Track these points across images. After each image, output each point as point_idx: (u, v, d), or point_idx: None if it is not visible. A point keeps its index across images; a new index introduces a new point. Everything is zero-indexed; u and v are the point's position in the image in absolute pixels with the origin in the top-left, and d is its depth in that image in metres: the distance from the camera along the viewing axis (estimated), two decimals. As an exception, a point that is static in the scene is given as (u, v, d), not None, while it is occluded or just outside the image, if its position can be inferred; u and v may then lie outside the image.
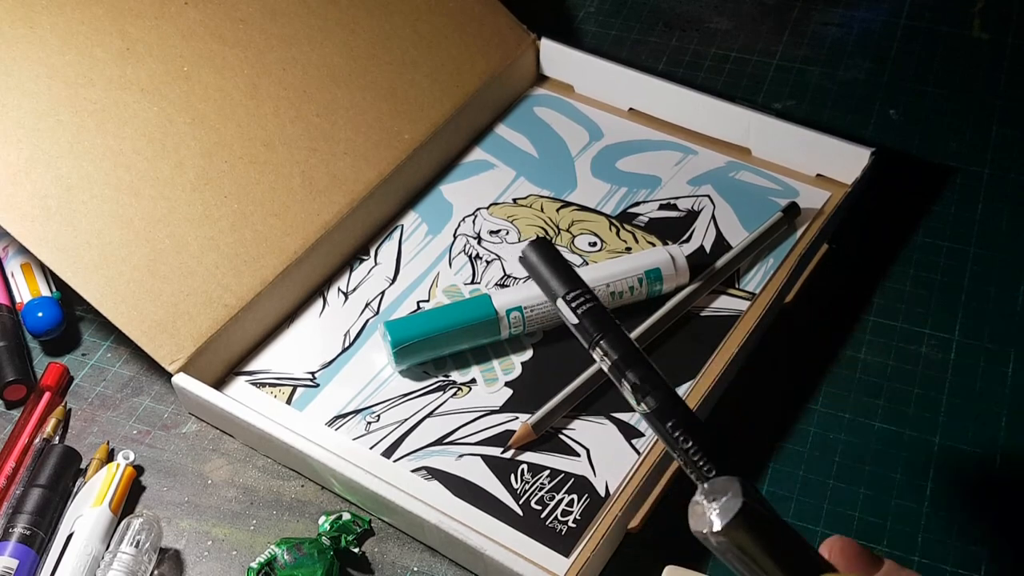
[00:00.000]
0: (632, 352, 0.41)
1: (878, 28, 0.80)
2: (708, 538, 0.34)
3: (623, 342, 0.41)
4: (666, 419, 0.39)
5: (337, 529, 0.52)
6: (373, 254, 0.65)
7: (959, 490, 0.53)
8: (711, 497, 0.34)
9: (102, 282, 0.57)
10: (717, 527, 0.33)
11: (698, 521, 0.34)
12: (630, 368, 0.40)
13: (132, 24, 0.64)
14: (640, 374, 0.40)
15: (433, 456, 0.55)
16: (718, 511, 0.33)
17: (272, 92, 0.65)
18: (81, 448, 0.57)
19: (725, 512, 0.33)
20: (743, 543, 0.33)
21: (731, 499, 0.33)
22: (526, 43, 0.73)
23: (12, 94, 0.60)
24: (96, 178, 0.59)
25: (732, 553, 0.34)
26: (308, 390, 0.59)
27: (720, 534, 0.33)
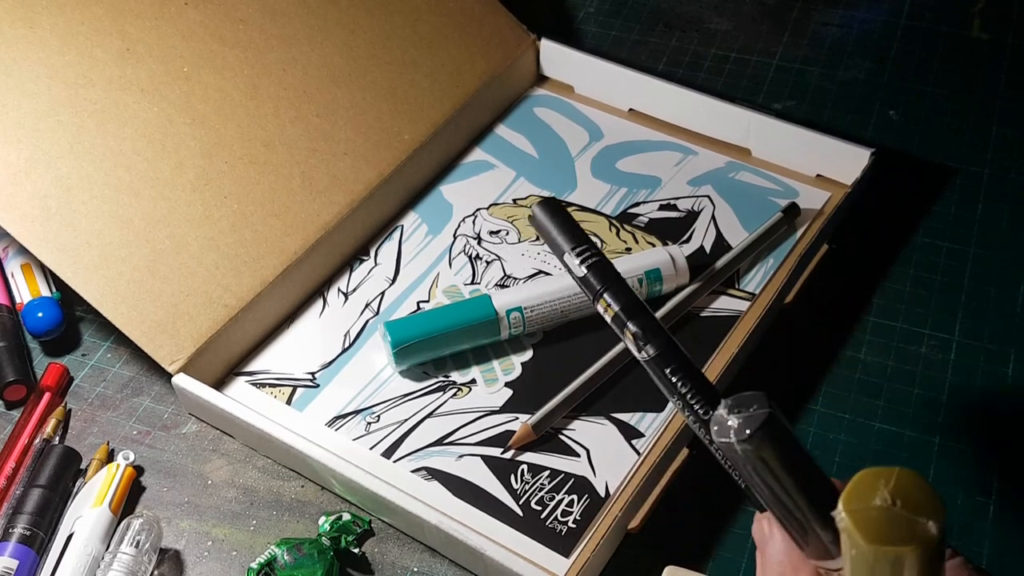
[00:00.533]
0: (634, 303, 0.42)
1: (878, 28, 0.80)
2: (733, 447, 0.33)
3: (625, 294, 0.42)
4: (666, 365, 0.40)
5: (337, 529, 0.52)
6: (373, 254, 0.65)
7: (959, 490, 0.53)
8: (736, 409, 0.33)
9: (102, 282, 0.57)
10: (743, 436, 0.32)
11: (722, 431, 0.33)
12: (631, 318, 0.41)
13: (132, 24, 0.64)
14: (641, 323, 0.41)
15: (433, 456, 0.55)
16: (743, 420, 0.33)
17: (272, 92, 0.65)
18: (81, 448, 0.57)
19: (752, 421, 0.33)
20: (767, 454, 0.33)
21: (758, 410, 0.33)
22: (526, 43, 0.73)
23: (12, 94, 0.60)
24: (96, 178, 0.59)
25: (754, 464, 0.33)
26: (308, 390, 0.59)
27: (745, 442, 0.33)
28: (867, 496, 0.30)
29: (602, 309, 0.42)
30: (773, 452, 0.33)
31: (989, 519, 0.52)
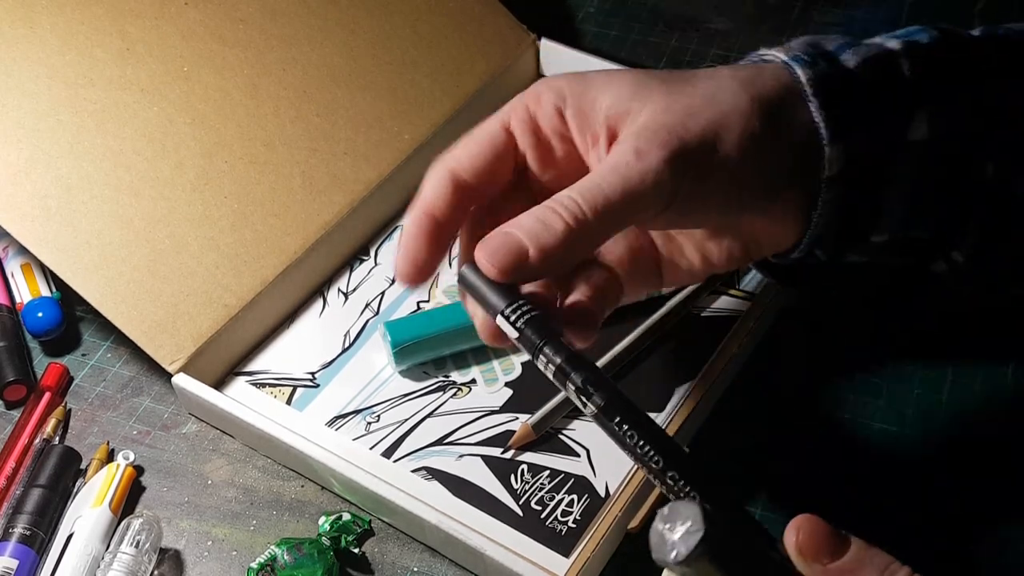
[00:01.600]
0: (574, 355, 0.40)
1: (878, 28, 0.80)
2: (671, 568, 0.32)
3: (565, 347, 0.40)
4: (612, 416, 0.39)
5: (337, 529, 0.52)
6: (373, 254, 0.65)
7: (959, 490, 0.53)
8: (670, 524, 0.33)
9: (102, 282, 0.57)
10: (679, 558, 0.32)
11: (658, 549, 0.33)
12: (574, 370, 0.40)
13: (132, 24, 0.64)
14: (583, 376, 0.39)
15: (433, 456, 0.55)
16: (678, 539, 0.32)
17: (272, 92, 0.65)
18: (81, 448, 0.57)
19: (686, 541, 0.32)
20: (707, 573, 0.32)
21: (692, 528, 0.32)
22: (526, 43, 0.73)
23: (12, 94, 0.60)
24: (96, 178, 0.59)
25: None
26: (308, 390, 0.59)
27: (683, 564, 0.32)
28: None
29: (542, 365, 0.41)
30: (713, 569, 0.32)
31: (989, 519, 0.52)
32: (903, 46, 0.46)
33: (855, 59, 0.45)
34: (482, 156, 0.46)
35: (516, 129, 0.46)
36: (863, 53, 0.46)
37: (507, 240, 0.41)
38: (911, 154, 0.45)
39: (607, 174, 0.41)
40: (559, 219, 0.41)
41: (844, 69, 0.45)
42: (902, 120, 0.45)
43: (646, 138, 0.42)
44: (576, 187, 0.42)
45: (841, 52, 0.46)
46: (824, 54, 0.45)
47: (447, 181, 0.45)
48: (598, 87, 0.45)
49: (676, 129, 0.42)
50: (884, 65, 0.45)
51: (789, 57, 0.45)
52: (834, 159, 0.44)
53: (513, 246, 0.41)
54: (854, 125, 0.44)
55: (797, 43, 0.47)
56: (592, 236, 0.42)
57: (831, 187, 0.45)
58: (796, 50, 0.46)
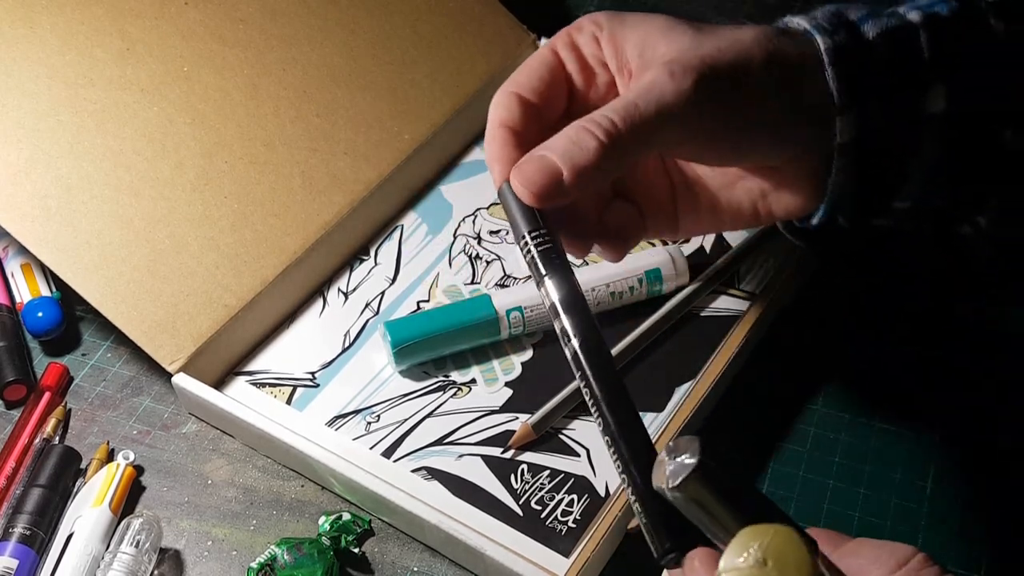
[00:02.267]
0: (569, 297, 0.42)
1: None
2: (665, 492, 0.35)
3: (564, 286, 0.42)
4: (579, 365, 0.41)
5: (337, 529, 0.52)
6: (373, 254, 0.65)
7: (959, 490, 0.53)
8: (673, 455, 0.35)
9: (102, 282, 0.57)
10: (673, 483, 0.35)
11: (658, 477, 0.36)
12: (563, 311, 0.42)
13: (132, 24, 0.64)
14: (569, 319, 0.41)
15: (433, 456, 0.55)
16: (674, 468, 0.35)
17: (272, 92, 0.65)
18: (81, 448, 0.57)
19: (682, 469, 0.35)
20: (700, 498, 0.35)
21: (689, 457, 0.35)
22: (526, 43, 0.73)
23: (12, 94, 0.60)
24: (96, 178, 0.59)
25: (690, 508, 0.35)
26: (308, 390, 0.59)
27: (676, 489, 0.35)
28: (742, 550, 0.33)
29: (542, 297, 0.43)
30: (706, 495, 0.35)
31: (989, 519, 0.52)
32: (923, 18, 0.47)
33: (875, 30, 0.46)
34: (539, 77, 0.48)
35: (562, 52, 0.49)
36: (883, 24, 0.46)
37: (541, 163, 0.42)
38: (930, 126, 0.47)
39: (642, 92, 0.43)
40: (592, 137, 0.42)
41: (863, 40, 0.46)
42: (920, 93, 0.46)
43: (680, 63, 0.44)
44: (609, 106, 0.43)
45: (863, 23, 0.47)
46: (846, 23, 0.47)
47: (514, 99, 0.47)
48: (632, 23, 0.47)
49: (707, 59, 0.44)
50: (903, 37, 0.46)
51: (811, 26, 0.47)
52: (847, 127, 0.46)
53: (547, 168, 0.42)
54: (869, 95, 0.46)
55: (822, 12, 0.48)
56: (625, 152, 0.43)
57: (844, 153, 0.46)
58: (820, 19, 0.47)
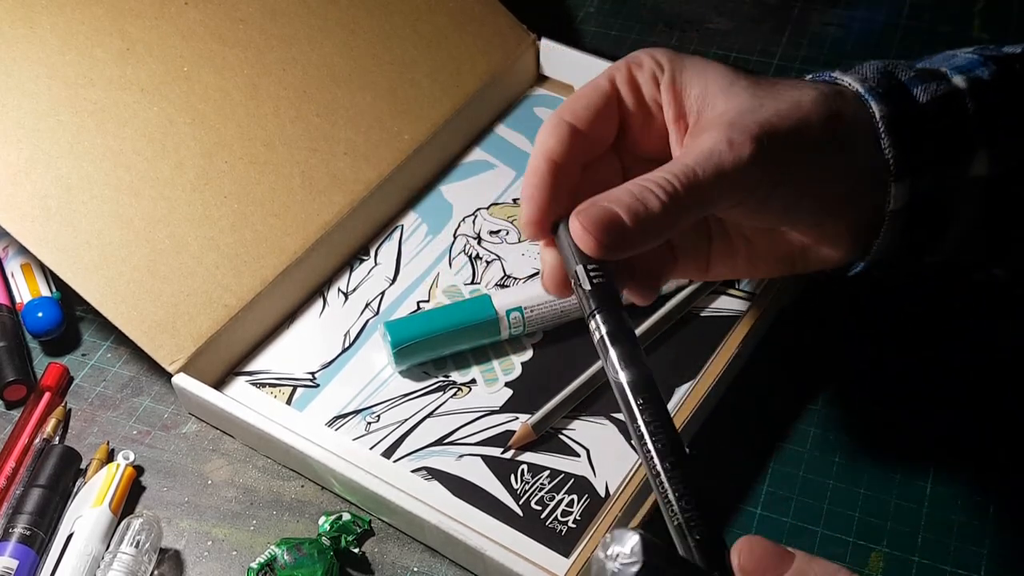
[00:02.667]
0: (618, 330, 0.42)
1: (878, 28, 0.80)
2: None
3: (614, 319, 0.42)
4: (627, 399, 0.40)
5: (337, 529, 0.52)
6: (373, 254, 0.65)
7: (959, 490, 0.53)
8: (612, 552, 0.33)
9: (102, 282, 0.57)
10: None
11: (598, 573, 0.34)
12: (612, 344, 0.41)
13: (132, 24, 0.64)
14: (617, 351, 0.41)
15: (433, 456, 0.55)
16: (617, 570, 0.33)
17: (272, 92, 0.65)
18: (81, 448, 0.57)
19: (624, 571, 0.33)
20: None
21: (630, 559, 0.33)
22: (526, 43, 0.73)
23: (12, 94, 0.60)
24: (96, 178, 0.59)
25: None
26: (308, 390, 0.59)
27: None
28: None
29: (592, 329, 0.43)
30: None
31: (989, 519, 0.52)
32: (968, 84, 0.48)
33: (926, 96, 0.48)
34: (594, 107, 0.48)
35: (620, 86, 0.49)
36: (933, 90, 0.48)
37: (606, 212, 0.43)
38: (971, 190, 0.48)
39: (701, 160, 0.44)
40: (654, 197, 0.43)
41: (916, 106, 0.47)
42: (965, 158, 0.48)
43: (739, 130, 0.44)
44: (669, 168, 0.44)
45: (913, 86, 0.48)
46: (898, 87, 0.48)
47: (565, 128, 0.47)
48: (693, 70, 0.48)
49: (765, 126, 0.45)
50: (952, 104, 0.48)
51: (864, 89, 0.47)
52: (900, 194, 0.47)
53: (613, 220, 0.43)
54: (922, 164, 0.47)
55: (870, 70, 0.49)
56: (683, 215, 0.44)
57: (894, 219, 0.48)
58: (870, 80, 0.48)
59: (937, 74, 0.49)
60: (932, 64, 0.50)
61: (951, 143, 0.47)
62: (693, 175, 0.43)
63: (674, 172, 0.44)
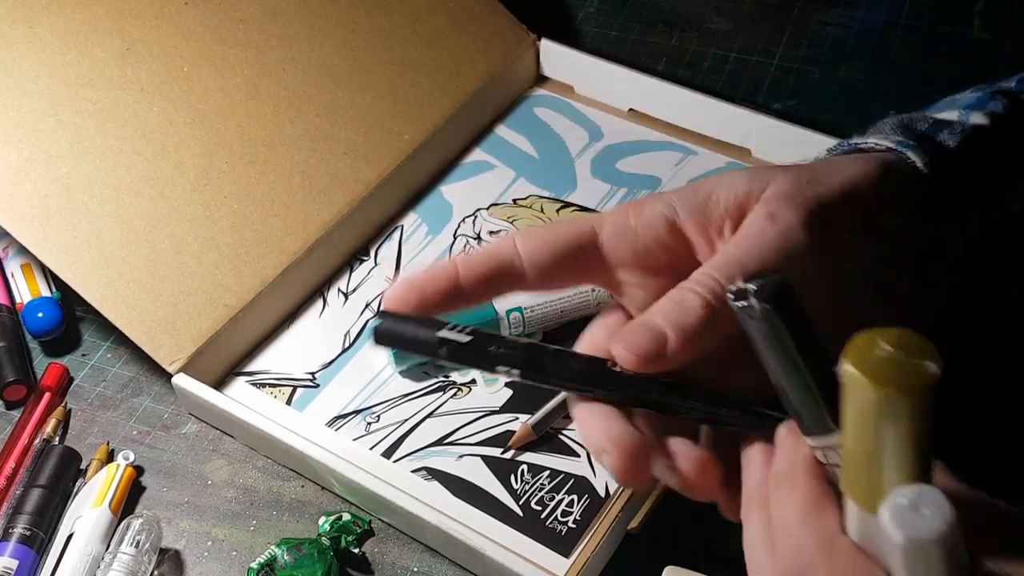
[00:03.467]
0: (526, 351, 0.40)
1: (878, 28, 0.80)
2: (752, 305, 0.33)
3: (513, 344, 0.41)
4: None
5: (337, 529, 0.52)
6: (373, 254, 0.65)
7: (959, 490, 0.53)
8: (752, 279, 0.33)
9: (102, 282, 0.57)
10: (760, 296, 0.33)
11: (739, 295, 0.33)
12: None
13: (132, 24, 0.64)
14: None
15: (433, 456, 0.55)
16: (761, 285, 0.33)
17: (272, 92, 0.65)
18: (81, 448, 0.57)
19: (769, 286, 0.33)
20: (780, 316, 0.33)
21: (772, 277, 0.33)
22: (526, 43, 0.73)
23: (12, 94, 0.60)
24: (96, 178, 0.59)
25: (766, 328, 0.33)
26: (308, 390, 0.59)
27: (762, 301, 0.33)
28: (869, 349, 0.31)
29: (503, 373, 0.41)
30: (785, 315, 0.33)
31: (989, 519, 0.52)
32: (988, 120, 0.46)
33: (954, 139, 0.45)
34: (552, 256, 0.42)
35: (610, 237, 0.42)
36: (959, 132, 0.45)
37: (647, 328, 0.38)
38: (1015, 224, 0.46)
39: (743, 243, 0.39)
40: (697, 297, 0.38)
41: (948, 151, 0.44)
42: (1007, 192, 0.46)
43: (777, 202, 0.40)
44: (710, 263, 0.39)
45: (936, 133, 0.45)
46: (924, 137, 0.45)
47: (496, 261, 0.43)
48: (709, 186, 0.42)
49: (806, 191, 0.40)
50: (980, 142, 0.45)
51: (893, 143, 0.44)
52: (955, 243, 0.44)
53: (654, 333, 0.38)
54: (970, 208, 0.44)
55: (888, 127, 0.46)
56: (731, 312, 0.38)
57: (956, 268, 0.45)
58: (893, 136, 0.44)
59: (952, 120, 0.46)
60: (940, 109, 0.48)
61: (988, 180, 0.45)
62: (735, 262, 0.38)
63: (715, 265, 0.39)
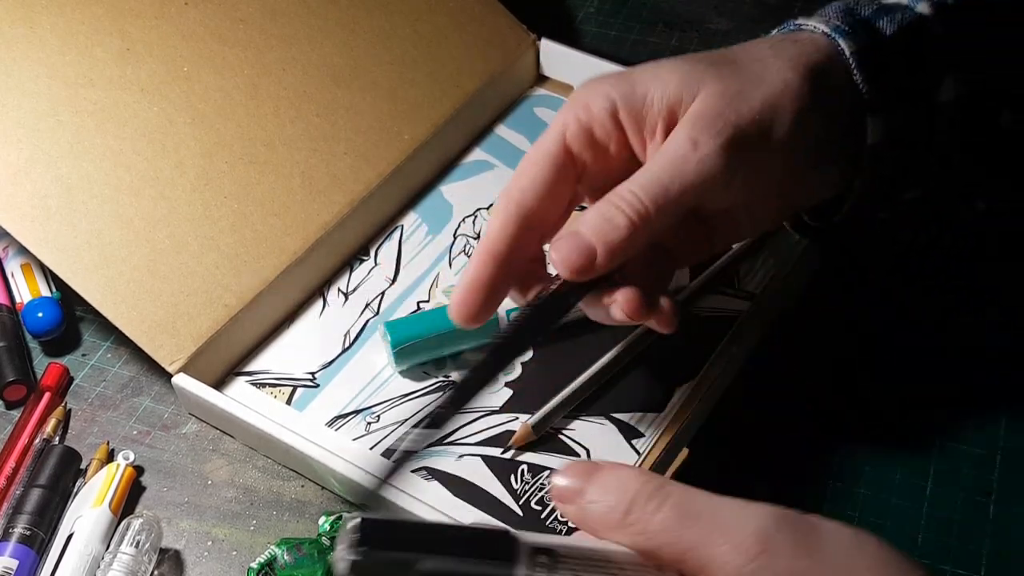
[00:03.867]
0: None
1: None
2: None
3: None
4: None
5: (337, 529, 0.52)
6: (373, 254, 0.65)
7: (959, 490, 0.53)
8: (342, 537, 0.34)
9: (102, 282, 0.57)
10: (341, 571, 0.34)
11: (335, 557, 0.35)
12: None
13: (132, 24, 0.64)
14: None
15: (433, 456, 0.55)
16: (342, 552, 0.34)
17: (272, 92, 0.65)
18: (81, 448, 0.57)
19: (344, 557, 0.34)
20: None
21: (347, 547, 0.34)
22: (526, 43, 0.73)
23: (12, 94, 0.60)
24: (96, 178, 0.59)
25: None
26: (308, 390, 0.59)
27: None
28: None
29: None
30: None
31: (989, 519, 0.52)
32: (933, 10, 0.47)
33: (892, 27, 0.47)
34: (544, 180, 0.47)
35: (573, 143, 0.47)
36: (898, 21, 0.47)
37: (576, 241, 0.44)
38: (941, 115, 0.47)
39: (666, 166, 0.43)
40: (622, 214, 0.43)
41: (883, 39, 0.47)
42: (933, 84, 0.47)
43: (700, 127, 0.43)
44: (635, 180, 0.44)
45: (877, 19, 0.47)
46: (863, 23, 0.47)
47: (512, 216, 0.47)
48: (645, 83, 0.46)
49: (729, 116, 0.44)
50: (918, 32, 0.47)
51: (830, 28, 0.47)
52: (876, 128, 0.46)
53: (582, 246, 0.43)
54: (894, 95, 0.46)
55: (833, 10, 0.48)
56: (653, 227, 0.44)
57: (873, 154, 0.47)
58: (834, 19, 0.47)
59: (898, 5, 0.48)
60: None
61: (919, 71, 0.47)
62: (658, 184, 0.43)
63: (640, 184, 0.43)
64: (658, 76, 0.46)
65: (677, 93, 0.45)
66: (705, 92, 0.45)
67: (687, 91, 0.45)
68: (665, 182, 0.43)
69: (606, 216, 0.43)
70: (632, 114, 0.46)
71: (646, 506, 0.35)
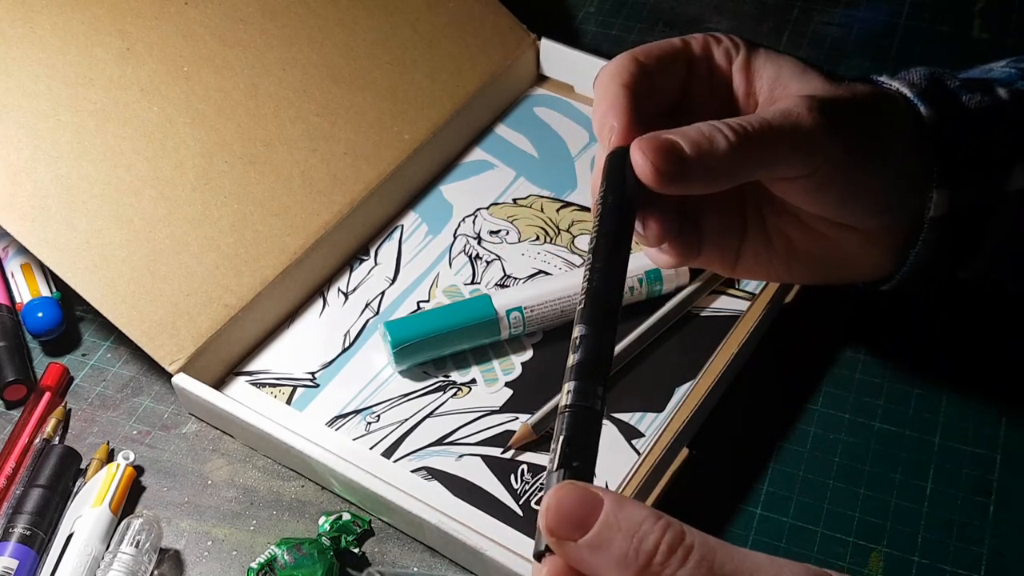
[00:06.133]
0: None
1: (878, 28, 0.80)
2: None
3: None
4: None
5: (337, 529, 0.52)
6: (373, 254, 0.65)
7: (959, 490, 0.53)
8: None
9: (102, 282, 0.57)
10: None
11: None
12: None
13: (132, 24, 0.64)
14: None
15: (433, 456, 0.55)
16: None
17: (272, 92, 0.65)
18: (81, 448, 0.57)
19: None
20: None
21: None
22: (526, 43, 0.73)
23: (12, 94, 0.60)
24: (96, 178, 0.59)
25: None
26: (308, 390, 0.59)
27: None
28: None
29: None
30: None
31: (989, 519, 0.52)
32: (1011, 96, 0.48)
33: (974, 104, 0.48)
34: (665, 54, 0.47)
35: (695, 50, 0.48)
36: (979, 100, 0.48)
37: (670, 144, 0.42)
38: (1008, 204, 0.48)
39: (777, 115, 0.43)
40: (723, 137, 0.42)
41: (963, 115, 0.47)
42: (1005, 170, 0.48)
43: (816, 105, 0.44)
44: (743, 116, 0.43)
45: (960, 94, 0.48)
46: (946, 95, 0.47)
47: (632, 61, 0.46)
48: (768, 56, 0.48)
49: (838, 112, 0.44)
50: (997, 115, 0.48)
51: (912, 93, 0.47)
52: (941, 202, 0.47)
53: (674, 150, 0.42)
54: (965, 172, 0.47)
55: (918, 75, 0.49)
56: (748, 162, 0.43)
57: (934, 228, 0.47)
58: (918, 85, 0.48)
59: (983, 85, 0.48)
60: (974, 75, 0.50)
61: (995, 154, 0.47)
62: (767, 125, 0.43)
63: (748, 119, 0.43)
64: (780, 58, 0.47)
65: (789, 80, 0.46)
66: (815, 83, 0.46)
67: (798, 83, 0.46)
68: (774, 125, 0.43)
69: (706, 132, 0.42)
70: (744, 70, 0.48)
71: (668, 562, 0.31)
